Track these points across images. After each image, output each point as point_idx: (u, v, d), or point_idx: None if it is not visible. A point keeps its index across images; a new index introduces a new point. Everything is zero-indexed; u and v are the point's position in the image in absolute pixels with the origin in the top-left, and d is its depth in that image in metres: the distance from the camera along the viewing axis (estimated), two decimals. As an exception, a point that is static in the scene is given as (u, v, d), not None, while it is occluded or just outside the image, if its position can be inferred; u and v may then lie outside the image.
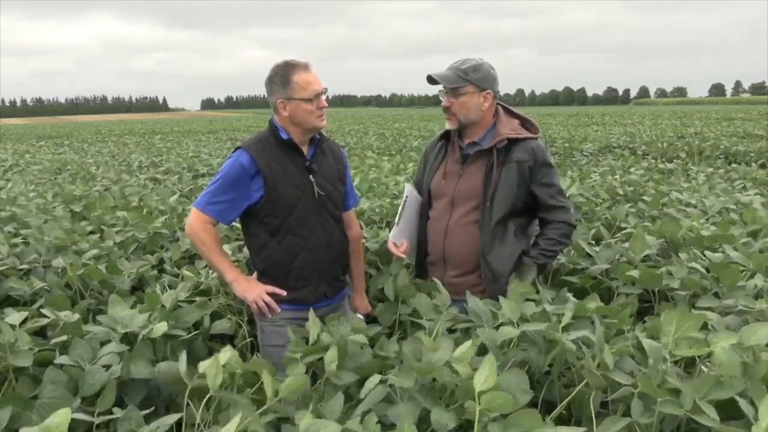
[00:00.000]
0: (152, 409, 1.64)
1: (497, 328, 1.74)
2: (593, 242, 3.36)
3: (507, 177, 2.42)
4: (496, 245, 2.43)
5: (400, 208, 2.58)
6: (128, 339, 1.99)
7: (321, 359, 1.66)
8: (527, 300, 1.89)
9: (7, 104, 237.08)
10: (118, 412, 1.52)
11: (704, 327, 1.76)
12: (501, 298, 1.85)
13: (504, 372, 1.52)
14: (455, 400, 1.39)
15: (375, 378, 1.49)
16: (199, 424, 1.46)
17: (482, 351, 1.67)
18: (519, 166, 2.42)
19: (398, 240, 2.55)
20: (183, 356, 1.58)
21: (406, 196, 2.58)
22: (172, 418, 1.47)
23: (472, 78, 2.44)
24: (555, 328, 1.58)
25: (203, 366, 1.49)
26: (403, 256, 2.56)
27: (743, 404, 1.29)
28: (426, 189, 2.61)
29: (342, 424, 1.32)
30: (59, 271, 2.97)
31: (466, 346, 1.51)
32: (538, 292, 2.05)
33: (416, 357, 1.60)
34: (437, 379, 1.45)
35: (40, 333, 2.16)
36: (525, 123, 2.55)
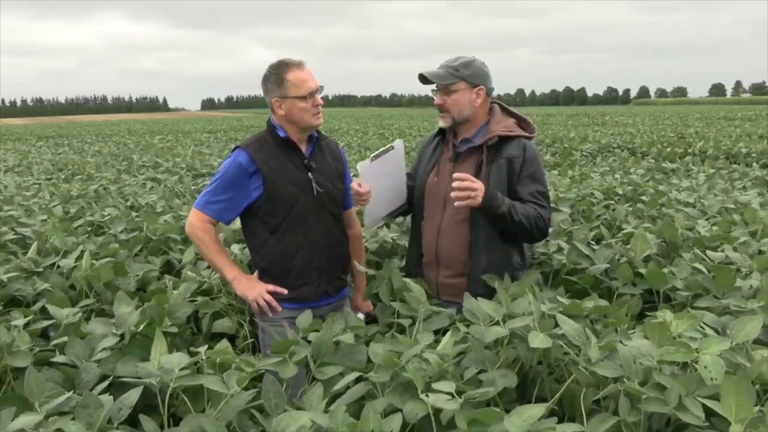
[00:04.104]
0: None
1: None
2: (593, 242, 3.36)
3: (497, 174, 2.37)
4: (485, 247, 2.39)
5: (381, 149, 2.45)
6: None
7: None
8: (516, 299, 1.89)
9: (8, 104, 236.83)
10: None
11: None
12: (483, 300, 1.81)
13: (494, 370, 1.57)
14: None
15: (353, 375, 1.56)
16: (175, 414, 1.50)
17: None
18: (509, 163, 2.37)
19: (365, 182, 2.36)
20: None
21: (392, 145, 2.47)
22: (135, 395, 1.51)
23: (463, 74, 2.41)
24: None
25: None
26: (362, 201, 2.37)
27: (716, 405, 1.29)
28: (420, 187, 2.59)
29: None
30: (64, 272, 2.97)
31: (446, 339, 1.57)
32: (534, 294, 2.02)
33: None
34: (405, 372, 1.51)
35: (43, 334, 2.17)
36: (521, 122, 2.51)
